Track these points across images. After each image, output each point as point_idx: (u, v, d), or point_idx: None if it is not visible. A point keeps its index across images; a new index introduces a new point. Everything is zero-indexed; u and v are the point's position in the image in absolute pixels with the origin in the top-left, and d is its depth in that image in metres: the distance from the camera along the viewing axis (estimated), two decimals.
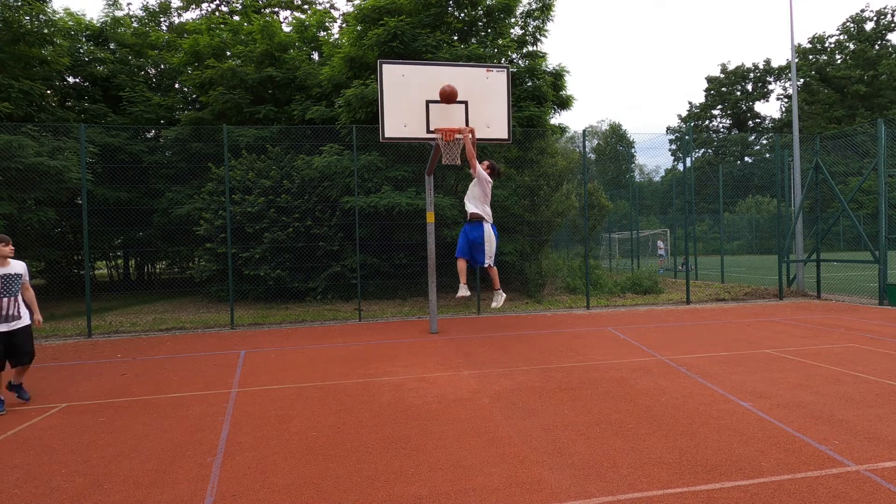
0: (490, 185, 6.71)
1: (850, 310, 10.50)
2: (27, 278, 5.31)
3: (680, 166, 47.24)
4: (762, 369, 5.86)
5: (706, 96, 56.55)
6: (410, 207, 11.70)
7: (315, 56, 17.59)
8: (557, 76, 14.48)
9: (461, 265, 6.74)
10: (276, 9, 23.67)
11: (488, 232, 6.50)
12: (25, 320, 5.19)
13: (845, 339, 7.47)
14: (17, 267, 5.20)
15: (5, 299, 5.03)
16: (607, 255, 26.37)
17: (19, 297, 5.16)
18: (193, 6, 23.33)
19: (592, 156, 51.58)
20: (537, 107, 13.15)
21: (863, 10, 50.15)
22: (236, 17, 19.62)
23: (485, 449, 3.80)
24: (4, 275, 5.06)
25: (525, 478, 3.33)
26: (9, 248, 5.09)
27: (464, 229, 6.69)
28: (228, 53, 15.76)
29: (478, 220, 6.53)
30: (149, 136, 16.89)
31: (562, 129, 17.07)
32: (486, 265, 6.57)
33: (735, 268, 23.15)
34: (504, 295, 6.94)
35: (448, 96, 6.82)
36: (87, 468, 3.65)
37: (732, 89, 55.10)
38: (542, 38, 14.65)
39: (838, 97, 46.59)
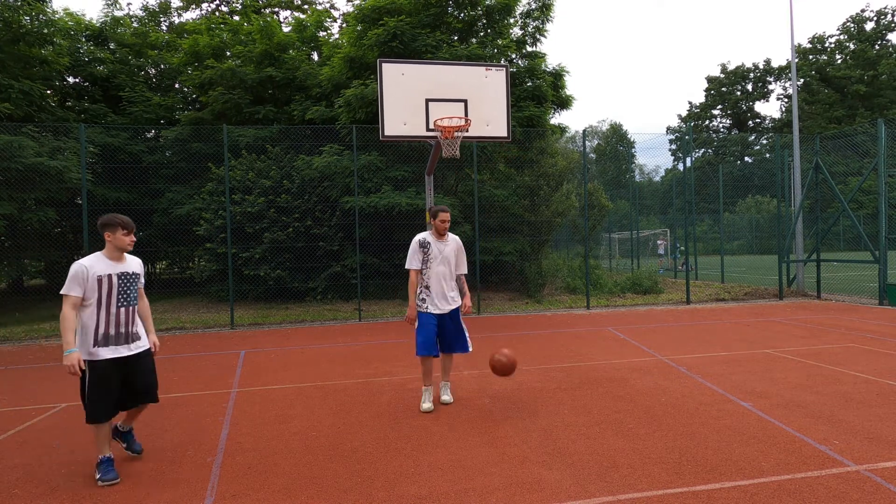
0: None
1: (850, 310, 10.50)
2: (143, 281, 3.76)
3: (680, 166, 47.24)
4: (762, 369, 5.86)
5: (706, 96, 56.55)
6: (410, 207, 11.70)
7: (315, 56, 17.60)
8: (557, 76, 14.48)
9: (429, 365, 4.78)
10: (276, 9, 23.68)
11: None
12: (146, 341, 3.70)
13: (845, 339, 7.47)
14: (136, 265, 3.68)
15: (123, 309, 3.52)
16: (607, 255, 26.37)
17: (137, 309, 3.68)
18: (193, 6, 23.34)
19: (592, 156, 51.60)
20: (537, 107, 13.16)
21: (863, 10, 50.20)
22: (236, 17, 19.63)
23: (485, 449, 3.80)
24: (123, 274, 3.54)
25: (525, 478, 3.33)
26: (130, 239, 3.56)
27: (429, 319, 4.72)
28: (228, 53, 15.76)
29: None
30: (149, 136, 16.89)
31: (562, 129, 17.08)
32: (469, 349, 4.88)
33: (735, 268, 23.15)
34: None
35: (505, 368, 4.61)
36: (87, 468, 3.64)
37: (732, 89, 55.10)
38: (542, 39, 14.66)
39: (838, 97, 46.59)
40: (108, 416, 3.47)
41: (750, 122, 55.44)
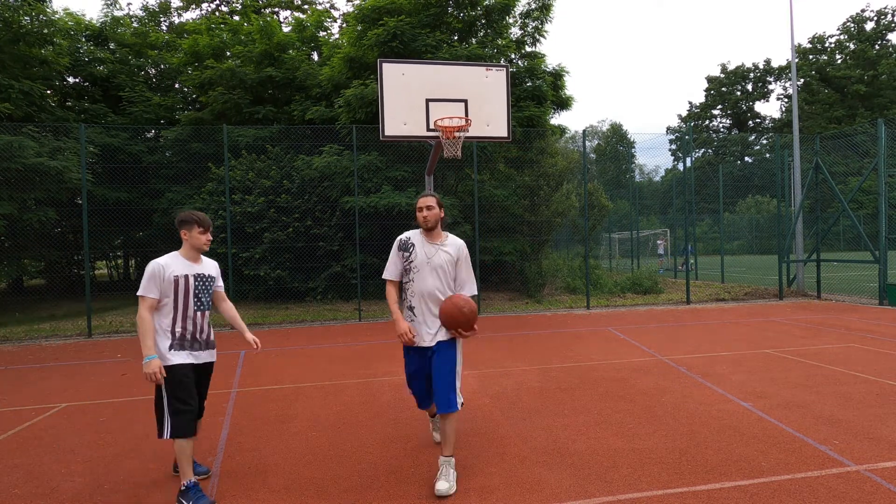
0: None
1: (850, 310, 10.50)
2: (221, 284, 3.57)
3: (680, 166, 47.22)
4: (762, 369, 5.86)
5: (706, 96, 56.58)
6: (410, 207, 11.70)
7: (314, 56, 17.61)
8: (557, 76, 14.49)
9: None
10: (276, 9, 23.68)
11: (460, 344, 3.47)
12: (214, 353, 3.46)
13: (845, 339, 7.47)
14: (212, 267, 3.45)
15: (199, 313, 3.27)
16: (607, 255, 26.37)
17: (224, 312, 3.60)
18: (193, 6, 23.34)
19: (592, 156, 51.59)
20: (537, 107, 13.17)
21: (863, 10, 50.20)
22: (236, 17, 19.64)
23: (485, 449, 3.80)
24: (199, 275, 3.30)
25: (525, 478, 3.33)
26: (206, 238, 3.31)
27: (412, 359, 3.48)
28: (228, 53, 15.77)
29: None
30: (149, 136, 16.90)
31: (561, 130, 17.09)
32: (458, 406, 3.33)
33: (735, 268, 23.15)
34: (454, 475, 3.28)
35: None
36: (87, 468, 3.65)
37: (732, 89, 55.12)
38: (542, 39, 14.67)
39: (838, 97, 46.61)
40: (193, 429, 3.12)
41: (750, 122, 55.46)
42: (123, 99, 16.00)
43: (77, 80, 16.89)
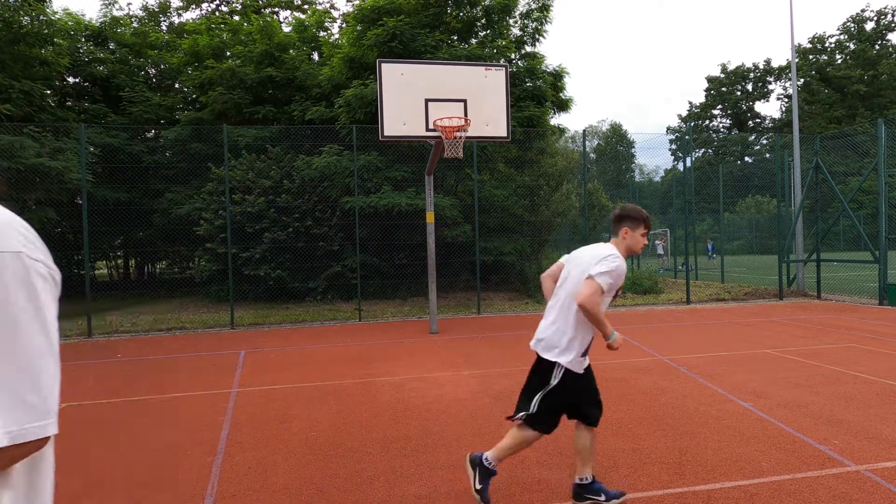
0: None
1: (850, 310, 10.50)
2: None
3: (680, 166, 47.18)
4: (762, 369, 5.86)
5: (706, 96, 56.56)
6: (410, 207, 11.71)
7: (315, 56, 17.61)
8: (557, 76, 14.50)
9: None
10: (276, 9, 23.68)
11: None
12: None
13: (845, 339, 7.47)
14: None
15: None
16: None
17: None
18: (193, 6, 23.34)
19: (593, 156, 51.59)
20: (537, 107, 13.18)
21: (863, 10, 50.20)
22: (236, 17, 19.64)
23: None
24: None
25: (525, 478, 3.33)
26: (644, 242, 3.13)
27: None
28: (228, 53, 15.78)
29: None
30: (149, 136, 16.91)
31: (560, 131, 17.11)
32: None
33: (735, 268, 23.14)
34: None
35: None
36: (87, 468, 3.65)
37: (732, 89, 55.11)
38: (541, 39, 14.69)
39: (838, 97, 46.61)
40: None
41: (750, 122, 55.45)
42: (123, 99, 16.00)
43: (77, 80, 16.91)
